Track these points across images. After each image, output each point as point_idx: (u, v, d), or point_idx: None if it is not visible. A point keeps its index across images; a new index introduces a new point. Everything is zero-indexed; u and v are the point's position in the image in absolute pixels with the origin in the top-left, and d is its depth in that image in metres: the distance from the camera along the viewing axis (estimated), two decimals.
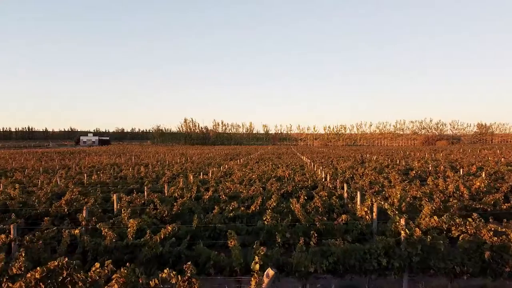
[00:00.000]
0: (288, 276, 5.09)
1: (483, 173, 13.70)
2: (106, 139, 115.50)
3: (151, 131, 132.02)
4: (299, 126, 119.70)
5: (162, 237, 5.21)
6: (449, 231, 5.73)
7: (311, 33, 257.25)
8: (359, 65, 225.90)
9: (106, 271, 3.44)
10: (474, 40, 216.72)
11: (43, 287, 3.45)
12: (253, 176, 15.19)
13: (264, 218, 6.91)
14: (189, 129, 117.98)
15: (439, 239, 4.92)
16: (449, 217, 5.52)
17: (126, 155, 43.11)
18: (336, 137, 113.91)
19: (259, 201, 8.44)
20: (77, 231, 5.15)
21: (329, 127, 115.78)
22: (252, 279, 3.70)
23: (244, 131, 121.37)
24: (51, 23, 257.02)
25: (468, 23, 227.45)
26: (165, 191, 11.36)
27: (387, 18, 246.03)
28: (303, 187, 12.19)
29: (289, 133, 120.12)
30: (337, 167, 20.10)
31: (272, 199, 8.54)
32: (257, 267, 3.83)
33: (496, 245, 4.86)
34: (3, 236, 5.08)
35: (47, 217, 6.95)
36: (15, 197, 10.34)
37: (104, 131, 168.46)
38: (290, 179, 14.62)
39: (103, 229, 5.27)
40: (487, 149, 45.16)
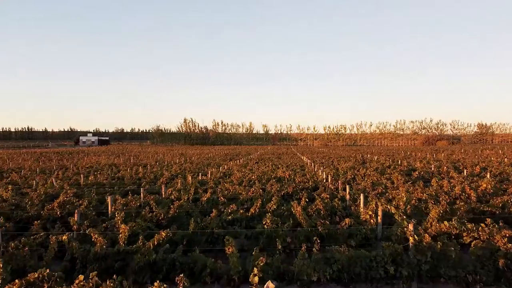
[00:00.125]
0: (289, 285, 4.79)
1: (488, 174, 13.39)
2: (105, 139, 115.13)
3: (150, 131, 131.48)
4: (299, 126, 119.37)
5: (155, 243, 4.91)
6: (459, 236, 5.43)
7: (311, 33, 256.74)
8: (359, 65, 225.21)
9: (90, 284, 3.14)
10: (474, 40, 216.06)
11: None
12: (253, 177, 14.90)
13: (264, 222, 6.62)
14: (188, 129, 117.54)
15: (450, 246, 4.63)
16: (460, 222, 5.22)
17: (125, 155, 42.78)
18: (336, 137, 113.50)
19: (258, 204, 8.14)
20: (65, 237, 4.84)
21: (329, 127, 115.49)
22: None
23: (244, 131, 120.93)
24: (51, 23, 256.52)
25: (468, 23, 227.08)
26: (162, 193, 11.07)
27: (387, 18, 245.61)
28: (304, 188, 11.89)
29: (289, 133, 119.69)
30: (338, 167, 19.80)
31: (272, 202, 8.25)
32: (256, 279, 3.54)
33: (510, 252, 4.57)
34: None
35: (37, 221, 6.65)
36: (7, 199, 10.04)
37: (103, 131, 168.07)
38: (290, 180, 14.33)
39: (93, 234, 4.97)
40: (488, 149, 44.85)
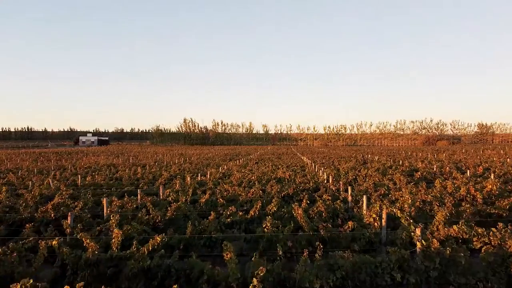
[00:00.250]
0: None
1: (491, 174, 13.16)
2: (105, 139, 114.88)
3: (150, 131, 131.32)
4: (299, 126, 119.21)
5: (150, 248, 4.68)
6: (468, 241, 5.19)
7: (311, 33, 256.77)
8: (359, 65, 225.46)
9: None
10: (474, 40, 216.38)
11: None
12: (253, 177, 14.67)
13: (264, 225, 6.39)
14: (188, 129, 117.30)
15: (460, 251, 4.40)
16: (469, 226, 4.99)
17: (124, 156, 42.55)
18: (336, 137, 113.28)
19: (258, 206, 7.91)
20: (55, 242, 4.62)
21: (329, 127, 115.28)
22: None
23: (243, 131, 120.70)
24: (51, 23, 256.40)
25: (468, 23, 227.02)
26: (160, 194, 10.84)
27: (387, 18, 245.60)
28: (305, 189, 11.67)
29: (289, 133, 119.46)
30: (339, 168, 19.58)
31: (272, 204, 8.02)
32: None
33: None
34: None
35: (29, 224, 6.42)
36: (1, 200, 9.80)
37: (103, 131, 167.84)
38: (290, 180, 14.10)
39: (84, 239, 4.74)
40: (490, 149, 44.63)
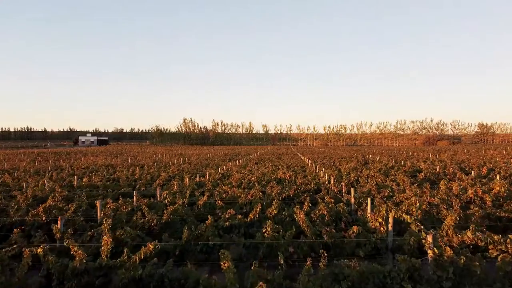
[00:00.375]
0: None
1: (497, 175, 12.86)
2: (104, 139, 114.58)
3: (150, 131, 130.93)
4: (299, 126, 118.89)
5: (142, 256, 4.37)
6: (478, 247, 4.88)
7: (311, 33, 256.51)
8: (359, 65, 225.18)
9: None
10: (474, 40, 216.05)
11: None
12: (252, 178, 14.36)
13: (264, 230, 6.08)
14: (188, 129, 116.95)
15: (475, 260, 4.09)
16: (481, 231, 4.69)
17: (123, 156, 42.24)
18: (336, 137, 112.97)
19: (258, 208, 7.60)
20: (40, 249, 4.31)
21: (329, 127, 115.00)
22: None
23: (243, 131, 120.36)
24: (51, 23, 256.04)
25: (468, 23, 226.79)
26: (157, 196, 10.53)
27: (387, 18, 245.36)
28: (306, 190, 11.35)
29: (289, 133, 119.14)
30: (340, 168, 19.27)
31: (272, 207, 7.71)
32: None
33: None
34: None
35: (17, 229, 6.11)
36: None
37: (103, 131, 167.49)
38: (291, 181, 13.79)
39: (71, 247, 4.43)
40: (491, 149, 44.33)
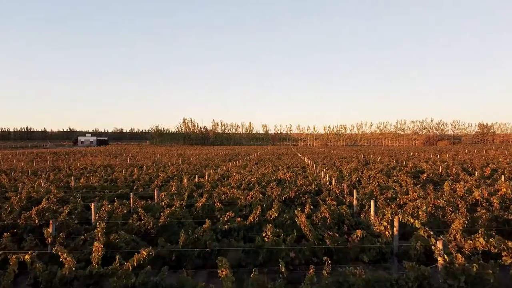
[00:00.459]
0: None
1: (501, 176, 12.63)
2: (104, 139, 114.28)
3: (150, 131, 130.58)
4: (299, 126, 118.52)
5: (135, 264, 4.14)
6: (490, 254, 4.65)
7: (311, 33, 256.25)
8: (359, 65, 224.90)
9: None
10: (474, 40, 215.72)
11: None
12: (252, 179, 14.12)
13: (264, 234, 5.85)
14: (188, 129, 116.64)
15: (488, 268, 3.86)
16: (491, 236, 4.46)
17: (122, 156, 42.00)
18: (336, 137, 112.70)
19: (258, 211, 7.37)
20: (28, 256, 4.07)
21: (329, 127, 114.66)
22: None
23: (243, 131, 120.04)
24: (51, 23, 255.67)
25: (468, 23, 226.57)
26: (155, 197, 10.29)
27: (387, 18, 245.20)
28: (307, 192, 11.11)
29: (288, 133, 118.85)
30: (341, 169, 19.03)
31: (273, 209, 7.48)
32: None
33: None
34: None
35: (7, 233, 5.87)
36: None
37: (102, 131, 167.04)
38: (291, 182, 13.56)
39: (61, 253, 4.19)
40: (493, 150, 44.11)
